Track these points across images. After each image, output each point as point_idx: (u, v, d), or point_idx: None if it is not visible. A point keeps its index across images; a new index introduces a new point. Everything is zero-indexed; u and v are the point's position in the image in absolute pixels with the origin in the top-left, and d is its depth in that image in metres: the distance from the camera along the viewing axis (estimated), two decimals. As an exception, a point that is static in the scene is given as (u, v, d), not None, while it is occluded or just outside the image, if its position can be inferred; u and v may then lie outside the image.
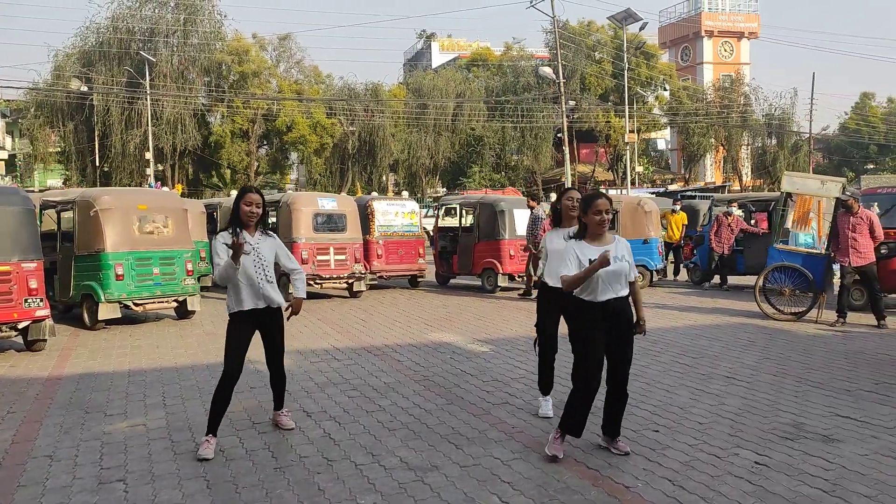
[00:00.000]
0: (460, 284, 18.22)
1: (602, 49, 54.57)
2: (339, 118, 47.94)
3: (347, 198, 17.63)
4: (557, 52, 41.41)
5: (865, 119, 65.60)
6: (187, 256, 12.42)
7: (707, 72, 67.96)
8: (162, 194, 15.45)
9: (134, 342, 10.60)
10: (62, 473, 5.16)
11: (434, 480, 4.90)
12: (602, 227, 5.22)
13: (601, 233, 5.25)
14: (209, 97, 46.36)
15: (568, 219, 6.09)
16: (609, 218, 5.24)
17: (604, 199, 5.21)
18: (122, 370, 8.59)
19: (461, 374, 8.09)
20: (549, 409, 6.40)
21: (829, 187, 11.90)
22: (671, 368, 8.22)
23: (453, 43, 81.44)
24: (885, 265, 12.06)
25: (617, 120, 50.69)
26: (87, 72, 42.90)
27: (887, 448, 5.40)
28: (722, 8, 70.94)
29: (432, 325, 11.83)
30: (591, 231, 5.25)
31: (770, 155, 58.59)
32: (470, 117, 51.38)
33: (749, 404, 6.65)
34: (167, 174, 44.95)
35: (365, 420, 6.33)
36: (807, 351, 9.19)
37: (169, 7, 44.37)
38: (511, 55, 57.06)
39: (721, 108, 57.38)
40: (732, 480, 4.81)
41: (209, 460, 5.32)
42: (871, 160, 66.77)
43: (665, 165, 68.37)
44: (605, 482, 4.83)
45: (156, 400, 7.15)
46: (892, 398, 6.82)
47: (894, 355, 8.86)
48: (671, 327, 11.17)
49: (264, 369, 8.20)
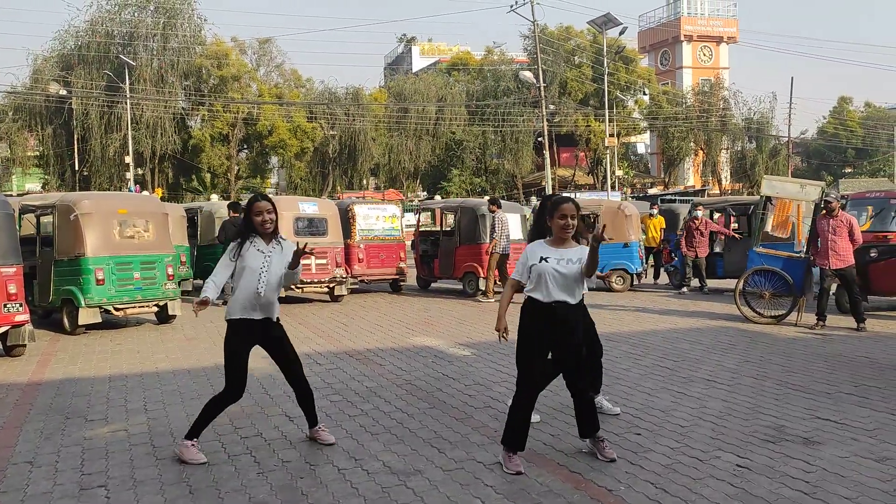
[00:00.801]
0: (441, 288, 18.23)
1: (582, 53, 54.84)
2: (320, 122, 47.86)
3: (328, 202, 17.58)
4: (538, 57, 41.58)
5: (843, 123, 66.34)
6: (168, 261, 12.34)
7: (686, 76, 68.46)
8: (142, 199, 15.34)
9: (114, 347, 10.53)
10: (43, 479, 5.11)
11: (417, 484, 4.90)
12: (566, 232, 5.15)
13: (565, 237, 5.19)
14: (189, 101, 46.15)
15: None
16: (574, 224, 5.15)
17: (570, 204, 5.18)
18: (103, 375, 8.53)
19: (443, 377, 8.10)
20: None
21: (809, 191, 12.01)
22: (652, 372, 8.26)
23: (434, 47, 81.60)
24: (876, 268, 12.22)
25: (597, 124, 50.95)
26: (66, 75, 42.61)
27: (867, 450, 5.45)
28: (701, 13, 71.49)
29: (414, 329, 11.82)
30: (556, 235, 5.20)
31: (749, 159, 59.13)
32: (451, 121, 51.46)
33: (730, 407, 6.70)
34: (147, 178, 44.67)
35: (347, 424, 6.32)
36: (787, 354, 9.26)
37: (148, 11, 44.16)
38: (491, 59, 57.23)
39: (700, 113, 57.81)
40: (714, 483, 4.84)
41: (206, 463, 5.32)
42: (849, 164, 67.57)
43: (645, 169, 68.83)
44: (588, 485, 4.84)
45: (137, 405, 7.10)
46: (871, 400, 6.89)
47: (873, 358, 8.95)
48: (652, 331, 11.22)
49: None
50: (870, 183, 48.14)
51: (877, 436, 5.79)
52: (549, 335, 5.15)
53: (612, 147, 46.56)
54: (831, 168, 66.00)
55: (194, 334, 11.48)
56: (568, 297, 5.11)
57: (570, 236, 5.19)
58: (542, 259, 5.09)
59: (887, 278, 12.18)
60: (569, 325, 5.16)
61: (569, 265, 5.08)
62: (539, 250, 5.18)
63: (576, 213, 5.15)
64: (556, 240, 5.21)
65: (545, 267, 5.08)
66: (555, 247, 5.18)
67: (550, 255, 5.10)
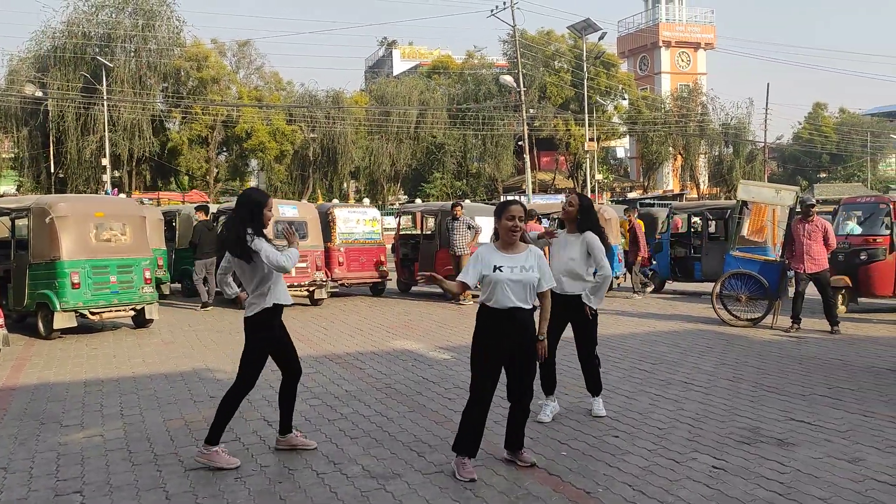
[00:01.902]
0: (421, 292, 18.23)
1: (562, 58, 55.03)
2: (300, 125, 47.71)
3: (308, 205, 17.54)
4: (518, 61, 41.74)
5: (818, 129, 66.99)
6: (145, 264, 12.25)
7: (665, 81, 68.90)
8: (120, 201, 15.23)
9: (90, 351, 10.44)
10: (17, 486, 5.06)
11: (396, 488, 4.90)
12: (514, 235, 5.10)
13: (513, 241, 5.13)
14: (167, 103, 45.84)
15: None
16: (522, 226, 5.11)
17: (518, 206, 5.16)
18: (79, 380, 8.46)
19: (423, 381, 8.10)
20: (548, 414, 6.44)
21: (784, 196, 12.14)
22: (630, 375, 8.31)
23: (414, 51, 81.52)
24: (865, 270, 12.43)
25: (577, 128, 51.13)
26: (42, 77, 42.15)
27: (840, 451, 5.52)
28: (679, 19, 71.99)
29: (394, 332, 11.82)
30: (503, 238, 5.14)
31: (727, 163, 59.58)
32: (432, 125, 51.47)
33: (707, 409, 6.75)
34: (124, 181, 44.30)
35: (327, 428, 6.31)
36: (762, 356, 9.35)
37: (126, 12, 43.75)
38: (472, 63, 57.30)
39: (679, 118, 58.21)
40: (691, 484, 4.88)
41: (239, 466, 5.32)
42: (824, 169, 68.20)
43: (624, 173, 69.11)
44: (567, 488, 4.87)
45: (113, 410, 7.05)
46: (844, 402, 6.97)
47: (847, 360, 9.05)
48: (630, 334, 11.29)
49: (224, 378, 8.20)
50: (844, 188, 48.67)
51: (850, 437, 5.86)
52: (505, 341, 5.09)
53: (591, 151, 46.74)
54: (806, 173, 66.60)
55: (172, 338, 11.41)
56: (522, 303, 5.08)
57: (518, 239, 5.15)
58: (496, 268, 5.03)
59: (875, 280, 12.43)
60: (524, 331, 5.12)
61: (522, 272, 5.05)
62: (491, 257, 5.10)
63: (523, 216, 5.12)
64: (504, 244, 5.16)
65: (499, 277, 5.01)
66: (505, 252, 5.12)
67: (504, 264, 5.04)
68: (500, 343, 5.08)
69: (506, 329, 5.06)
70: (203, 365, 9.19)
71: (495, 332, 5.08)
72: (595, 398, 6.66)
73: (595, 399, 6.65)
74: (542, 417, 6.40)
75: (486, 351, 5.10)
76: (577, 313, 6.44)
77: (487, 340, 5.10)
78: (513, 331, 5.07)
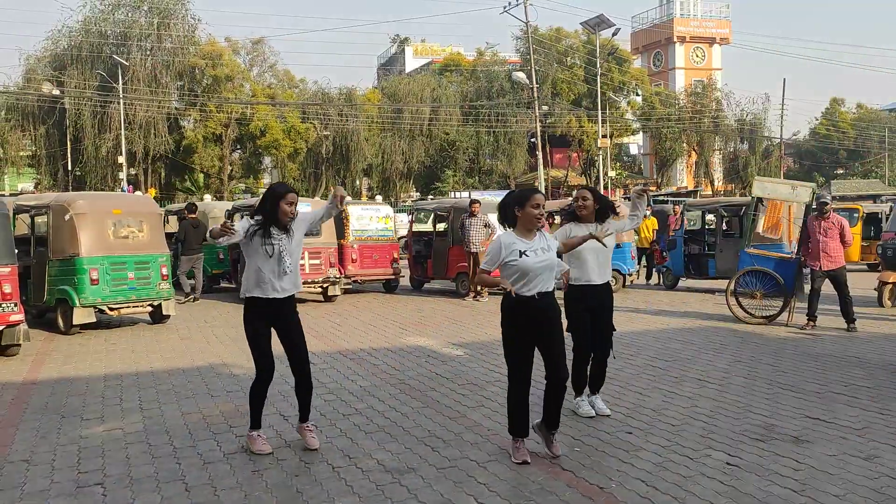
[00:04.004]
0: (435, 289, 18.28)
1: (574, 55, 54.90)
2: (313, 122, 47.82)
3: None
4: (531, 58, 41.69)
5: (835, 125, 66.57)
6: (162, 261, 12.37)
7: (679, 77, 68.62)
8: (137, 199, 15.38)
9: (109, 346, 10.55)
10: (39, 478, 5.14)
11: (411, 482, 4.95)
12: (538, 222, 5.27)
13: (534, 227, 5.30)
14: (182, 101, 46.04)
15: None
16: (544, 213, 5.30)
17: (540, 194, 5.33)
18: (98, 374, 8.56)
19: (436, 377, 8.15)
20: (588, 408, 6.51)
21: (800, 192, 12.08)
22: (644, 371, 8.32)
23: (426, 48, 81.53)
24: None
25: (590, 125, 51.01)
26: (59, 75, 42.45)
27: (855, 449, 5.52)
28: (694, 14, 71.66)
29: (407, 328, 11.87)
30: (526, 226, 5.28)
31: (742, 160, 59.28)
32: (444, 122, 51.47)
33: (721, 406, 6.76)
34: (140, 178, 44.56)
35: (342, 423, 6.37)
36: (777, 354, 9.34)
37: (142, 11, 44.01)
38: (484, 60, 57.24)
39: (693, 114, 57.95)
40: (705, 481, 4.90)
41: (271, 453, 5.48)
42: (841, 165, 67.82)
43: (638, 170, 68.93)
44: (580, 483, 4.90)
45: (132, 404, 7.13)
46: (860, 400, 6.97)
47: (863, 358, 9.03)
48: (644, 331, 11.29)
49: (240, 373, 8.29)
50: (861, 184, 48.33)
51: (865, 435, 5.86)
52: (534, 327, 5.24)
53: (604, 148, 46.66)
54: (823, 169, 66.22)
55: (188, 334, 11.50)
56: (547, 286, 5.27)
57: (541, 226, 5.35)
58: (522, 254, 5.18)
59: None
60: (550, 314, 5.27)
61: (544, 254, 5.25)
62: (515, 243, 5.24)
63: (544, 203, 5.31)
64: (524, 231, 5.31)
65: (527, 262, 5.17)
66: (525, 239, 5.29)
67: (527, 248, 5.22)
68: (530, 328, 5.23)
69: (534, 313, 5.21)
70: (219, 360, 9.27)
71: (524, 318, 5.21)
72: (595, 396, 6.65)
73: (596, 397, 6.64)
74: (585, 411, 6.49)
75: (517, 338, 5.25)
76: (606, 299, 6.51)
77: (517, 327, 5.25)
78: (539, 314, 5.23)
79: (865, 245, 22.67)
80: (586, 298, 6.32)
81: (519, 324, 5.24)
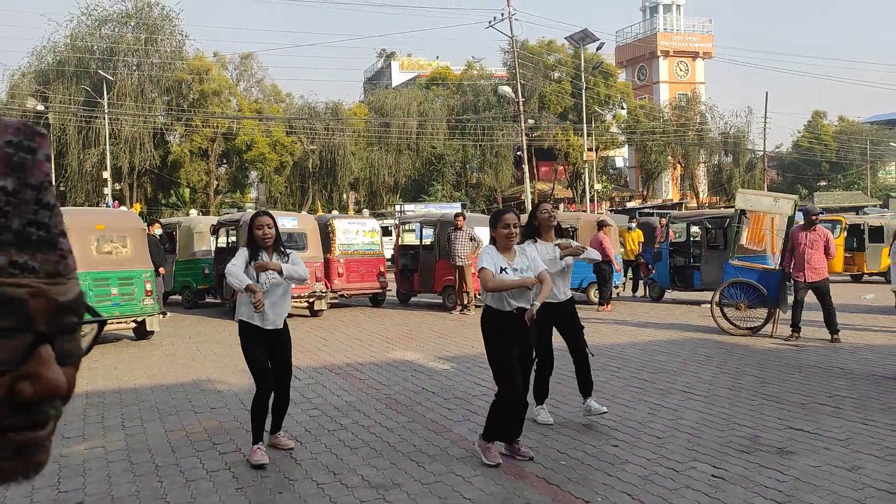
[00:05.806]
0: (421, 302, 18.25)
1: (560, 68, 55.17)
2: (300, 137, 47.83)
3: (308, 216, 17.59)
4: (517, 72, 41.85)
5: (818, 137, 67.01)
6: (146, 277, 12.28)
7: (663, 91, 68.95)
8: (121, 214, 15.29)
9: (91, 363, 10.44)
10: (19, 497, 5.07)
11: (396, 498, 4.92)
12: (510, 241, 5.53)
13: (509, 245, 5.57)
14: (168, 116, 45.95)
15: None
16: (517, 232, 5.54)
17: (511, 214, 5.59)
18: (80, 392, 8.46)
19: (423, 391, 8.12)
20: (548, 416, 6.69)
21: (782, 204, 12.16)
22: (630, 384, 8.33)
23: (413, 62, 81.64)
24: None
25: (576, 138, 51.20)
26: (44, 90, 42.31)
27: (839, 460, 5.53)
28: (677, 29, 72.11)
29: (394, 343, 11.84)
30: (501, 244, 5.57)
31: (726, 172, 59.66)
32: (431, 135, 51.58)
33: (706, 418, 6.77)
34: (125, 193, 44.37)
35: (327, 439, 6.33)
36: (762, 365, 9.37)
37: (129, 26, 43.97)
38: (471, 74, 57.44)
39: (678, 127, 58.30)
40: (690, 493, 4.90)
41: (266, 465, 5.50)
42: (824, 177, 68.21)
43: (624, 183, 69.14)
44: (565, 497, 4.88)
45: (114, 422, 7.07)
46: (844, 410, 6.99)
47: (847, 368, 9.07)
48: (630, 343, 11.30)
49: (225, 389, 8.23)
50: (844, 196, 48.73)
51: (849, 445, 5.87)
52: (515, 339, 5.47)
53: (590, 161, 46.83)
54: (806, 181, 66.62)
55: (173, 350, 11.43)
56: (524, 303, 5.47)
57: (514, 244, 5.61)
58: (503, 270, 5.44)
59: None
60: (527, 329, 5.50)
61: (521, 274, 5.49)
62: (497, 259, 5.50)
63: (517, 222, 5.54)
64: (503, 249, 5.58)
65: (505, 280, 5.43)
66: (505, 256, 5.54)
67: (507, 266, 5.47)
68: (512, 341, 5.47)
69: (513, 327, 5.44)
70: (204, 376, 9.20)
71: (506, 332, 5.46)
72: (589, 398, 6.69)
73: (589, 399, 6.69)
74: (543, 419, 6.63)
75: (503, 351, 5.48)
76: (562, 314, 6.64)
77: (501, 340, 5.49)
78: (519, 328, 5.46)
79: (848, 256, 22.93)
80: (552, 315, 6.44)
81: (503, 335, 5.46)
